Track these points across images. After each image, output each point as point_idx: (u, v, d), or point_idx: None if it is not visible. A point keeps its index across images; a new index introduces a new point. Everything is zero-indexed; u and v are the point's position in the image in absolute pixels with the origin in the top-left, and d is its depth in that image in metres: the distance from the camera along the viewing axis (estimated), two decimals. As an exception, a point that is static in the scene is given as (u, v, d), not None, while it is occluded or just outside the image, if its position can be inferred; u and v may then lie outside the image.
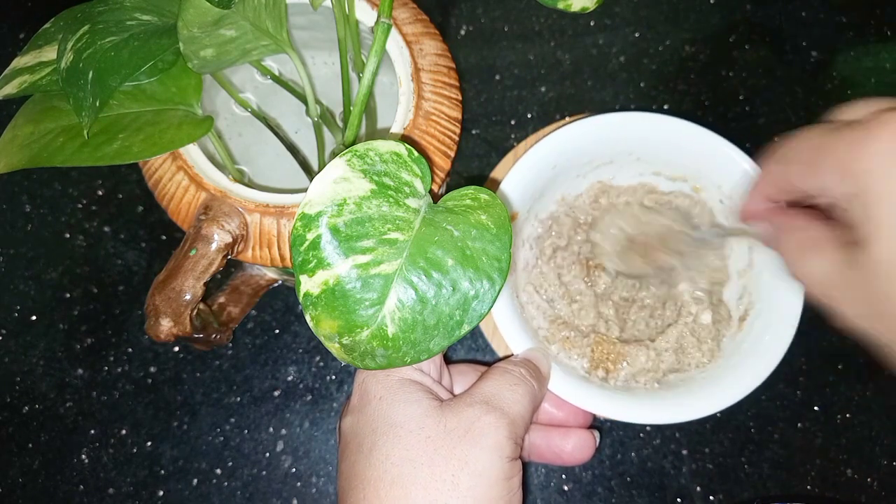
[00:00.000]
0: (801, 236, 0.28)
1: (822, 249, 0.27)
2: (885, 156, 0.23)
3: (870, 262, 0.24)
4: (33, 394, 0.42)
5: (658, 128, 0.37)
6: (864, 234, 0.24)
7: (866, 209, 0.24)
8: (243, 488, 0.41)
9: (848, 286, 0.25)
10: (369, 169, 0.24)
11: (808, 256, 0.27)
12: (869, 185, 0.23)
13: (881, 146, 0.23)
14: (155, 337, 0.29)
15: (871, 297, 0.24)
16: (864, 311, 0.25)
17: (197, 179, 0.30)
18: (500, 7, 0.51)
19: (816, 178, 0.26)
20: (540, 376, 0.31)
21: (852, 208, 0.25)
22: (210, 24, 0.27)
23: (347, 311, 0.23)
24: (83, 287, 0.44)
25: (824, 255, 0.26)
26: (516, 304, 0.36)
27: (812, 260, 0.27)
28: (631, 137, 0.37)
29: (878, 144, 0.23)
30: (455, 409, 0.28)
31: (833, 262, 0.26)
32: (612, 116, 0.36)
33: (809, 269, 0.27)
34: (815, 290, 0.27)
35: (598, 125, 0.36)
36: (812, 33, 0.51)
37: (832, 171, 0.25)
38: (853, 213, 0.25)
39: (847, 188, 0.24)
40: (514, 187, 0.36)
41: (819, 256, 0.27)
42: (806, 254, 0.27)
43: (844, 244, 0.26)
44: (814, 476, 0.41)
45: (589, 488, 0.41)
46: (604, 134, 0.37)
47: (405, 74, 0.32)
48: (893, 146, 0.23)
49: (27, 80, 0.29)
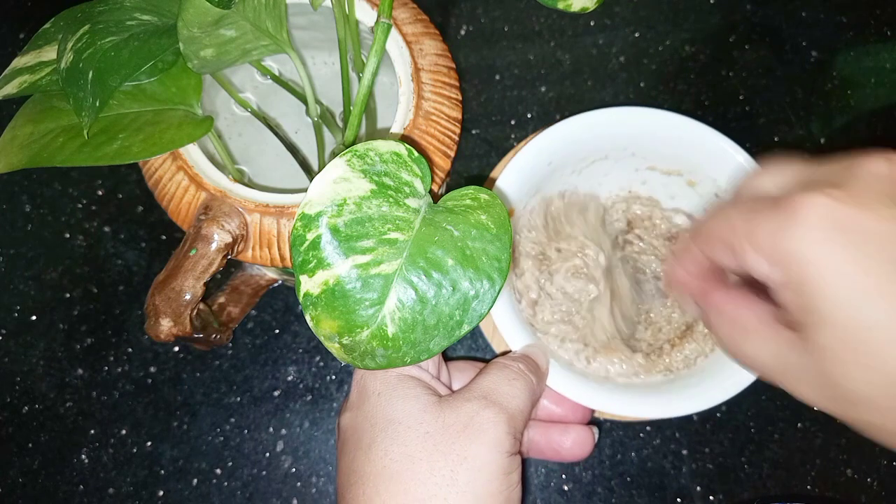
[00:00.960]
0: (736, 316, 0.26)
1: (763, 331, 0.25)
2: (814, 242, 0.22)
3: (816, 346, 0.23)
4: (33, 394, 0.42)
5: (652, 122, 0.37)
6: (805, 322, 0.23)
7: (803, 298, 0.23)
8: (243, 488, 0.41)
9: (797, 371, 0.24)
10: (369, 169, 0.24)
11: (750, 339, 0.26)
12: (802, 274, 0.22)
13: (808, 232, 0.22)
14: (155, 337, 0.29)
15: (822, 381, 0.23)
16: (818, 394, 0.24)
17: (197, 179, 0.30)
18: (500, 7, 0.51)
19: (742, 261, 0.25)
20: (539, 372, 0.31)
21: (786, 295, 0.23)
22: (210, 24, 0.27)
23: (347, 311, 0.23)
24: (83, 287, 0.44)
25: (767, 338, 0.25)
26: (514, 300, 0.36)
27: (754, 343, 0.25)
28: (625, 132, 0.37)
29: (806, 230, 0.22)
30: (453, 404, 0.28)
31: (777, 345, 0.24)
32: (606, 112, 0.36)
33: (753, 353, 0.26)
34: (762, 372, 0.26)
35: (593, 121, 0.36)
36: (812, 33, 0.51)
37: (758, 255, 0.24)
38: (787, 298, 0.23)
39: (779, 275, 0.23)
40: (509, 184, 0.36)
41: (761, 339, 0.25)
42: (747, 335, 0.26)
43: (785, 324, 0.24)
44: (814, 476, 0.41)
45: (589, 488, 0.41)
46: (598, 129, 0.37)
47: (405, 74, 0.32)
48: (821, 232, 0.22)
49: (27, 80, 0.29)
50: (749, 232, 0.24)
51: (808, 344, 0.23)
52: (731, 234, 0.25)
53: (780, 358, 0.25)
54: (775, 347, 0.25)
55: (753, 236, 0.24)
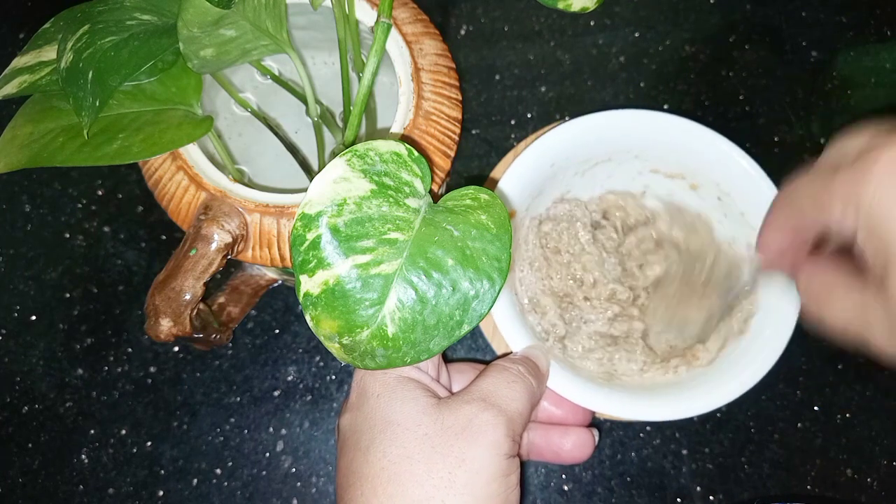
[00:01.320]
0: (821, 278, 0.28)
1: (845, 290, 0.26)
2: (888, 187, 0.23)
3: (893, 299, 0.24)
4: (33, 394, 0.42)
5: (655, 125, 0.37)
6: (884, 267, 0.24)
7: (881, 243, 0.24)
8: (243, 488, 0.41)
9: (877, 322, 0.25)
10: (369, 169, 0.24)
11: (833, 299, 0.27)
12: (880, 220, 0.23)
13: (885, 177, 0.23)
14: (155, 337, 0.29)
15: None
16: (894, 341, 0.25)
17: (197, 179, 0.30)
18: (500, 7, 0.51)
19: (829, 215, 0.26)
20: (539, 374, 0.31)
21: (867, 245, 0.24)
22: (210, 24, 0.27)
23: (347, 311, 0.23)
24: (83, 287, 0.44)
25: (848, 296, 0.26)
26: (515, 301, 0.36)
27: (836, 303, 0.27)
28: (629, 135, 0.37)
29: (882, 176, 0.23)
30: (452, 406, 0.28)
31: (858, 302, 0.26)
32: (609, 114, 0.36)
33: (837, 313, 0.27)
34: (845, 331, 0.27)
35: (596, 123, 0.36)
36: (812, 33, 0.51)
37: (841, 211, 0.25)
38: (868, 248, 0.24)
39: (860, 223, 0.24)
40: (512, 185, 0.36)
41: (843, 299, 0.26)
42: (830, 297, 0.27)
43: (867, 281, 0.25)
44: (814, 476, 0.41)
45: (589, 488, 0.41)
46: (601, 132, 0.37)
47: (405, 74, 0.32)
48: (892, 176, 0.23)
49: (27, 80, 0.29)
50: (833, 187, 0.25)
51: (886, 294, 0.24)
52: (817, 192, 0.26)
53: (860, 313, 0.25)
54: (856, 303, 0.26)
55: (837, 191, 0.25)
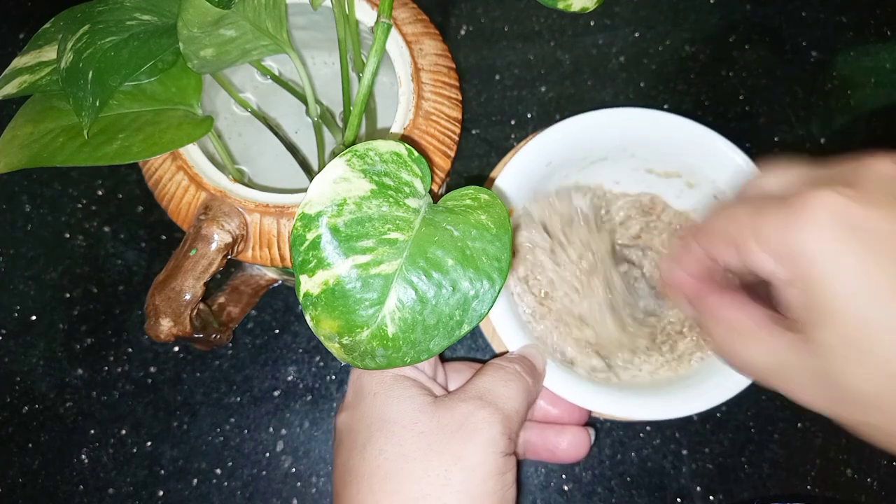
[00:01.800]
0: (733, 319, 0.26)
1: (762, 333, 0.25)
2: (824, 239, 0.22)
3: (819, 345, 0.22)
4: (33, 394, 0.42)
5: (651, 123, 0.37)
6: (809, 317, 0.23)
7: (808, 295, 0.22)
8: (243, 488, 0.41)
9: (797, 373, 0.24)
10: (369, 169, 0.24)
11: (747, 342, 0.25)
12: (809, 270, 0.22)
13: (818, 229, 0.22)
14: (155, 337, 0.29)
15: (824, 382, 0.23)
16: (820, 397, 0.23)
17: (197, 179, 0.30)
18: (500, 7, 0.51)
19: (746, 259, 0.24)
20: (535, 372, 0.31)
21: (790, 292, 0.23)
22: (210, 24, 0.27)
23: (347, 311, 0.23)
24: (83, 287, 0.44)
25: (764, 340, 0.25)
26: (512, 301, 0.36)
27: (751, 346, 0.25)
28: (625, 133, 0.37)
29: (815, 227, 0.22)
30: (449, 404, 0.28)
31: (776, 349, 0.24)
32: (605, 112, 0.36)
33: (750, 356, 0.25)
34: (759, 376, 0.25)
35: (592, 121, 0.36)
36: (812, 33, 0.51)
37: (764, 252, 0.24)
38: (792, 296, 0.23)
39: (784, 272, 0.23)
40: (508, 184, 0.36)
41: (758, 342, 0.25)
42: (743, 339, 0.25)
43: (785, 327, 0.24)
44: (814, 476, 0.41)
45: (589, 488, 0.41)
46: (598, 130, 0.37)
47: (405, 74, 0.32)
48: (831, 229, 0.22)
49: (27, 80, 0.29)
50: (755, 228, 0.24)
51: (809, 343, 0.23)
52: (737, 230, 0.25)
53: (777, 360, 0.24)
54: (773, 350, 0.24)
55: (760, 233, 0.24)
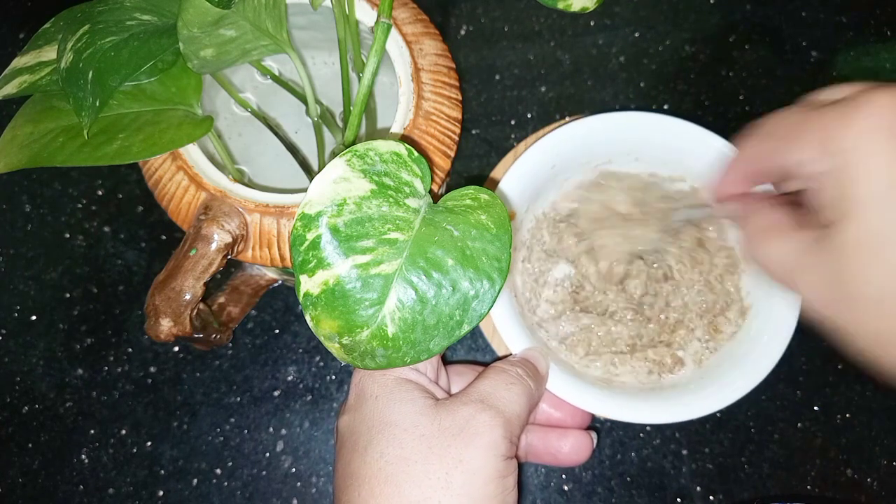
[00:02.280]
0: (765, 219, 0.28)
1: (785, 232, 0.26)
2: (870, 133, 0.22)
3: (839, 241, 0.23)
4: (33, 394, 0.42)
5: (656, 127, 0.37)
6: (837, 214, 0.23)
7: (843, 187, 0.23)
8: (243, 488, 0.41)
9: (812, 268, 0.24)
10: (369, 169, 0.24)
11: (772, 239, 0.27)
12: (850, 163, 0.23)
13: (866, 123, 0.22)
14: (155, 337, 0.29)
15: (836, 279, 0.23)
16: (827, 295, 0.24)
17: (197, 179, 0.30)
18: (500, 7, 0.51)
19: (795, 153, 0.25)
20: (538, 376, 0.31)
21: (826, 186, 0.24)
22: (210, 24, 0.27)
23: (347, 311, 0.23)
24: (83, 287, 0.44)
25: (787, 238, 0.26)
26: (515, 303, 0.36)
27: (775, 242, 0.26)
28: (629, 137, 0.37)
29: (863, 121, 0.23)
30: (450, 407, 0.28)
31: (796, 245, 0.25)
32: (610, 116, 0.36)
33: (772, 253, 0.26)
34: (777, 273, 0.26)
35: (597, 125, 0.36)
36: (812, 33, 0.51)
37: (813, 146, 0.24)
38: (826, 191, 0.24)
39: (825, 165, 0.24)
40: (512, 187, 0.36)
41: (783, 239, 0.26)
42: (768, 236, 0.27)
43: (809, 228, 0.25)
44: (814, 476, 0.41)
45: (589, 488, 0.41)
46: (602, 134, 0.37)
47: (405, 74, 0.32)
48: (879, 123, 0.22)
49: (27, 80, 0.29)
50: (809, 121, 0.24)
51: (829, 239, 0.23)
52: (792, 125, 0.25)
53: (795, 256, 0.25)
54: (793, 245, 0.25)
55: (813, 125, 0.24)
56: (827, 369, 0.43)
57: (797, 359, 0.43)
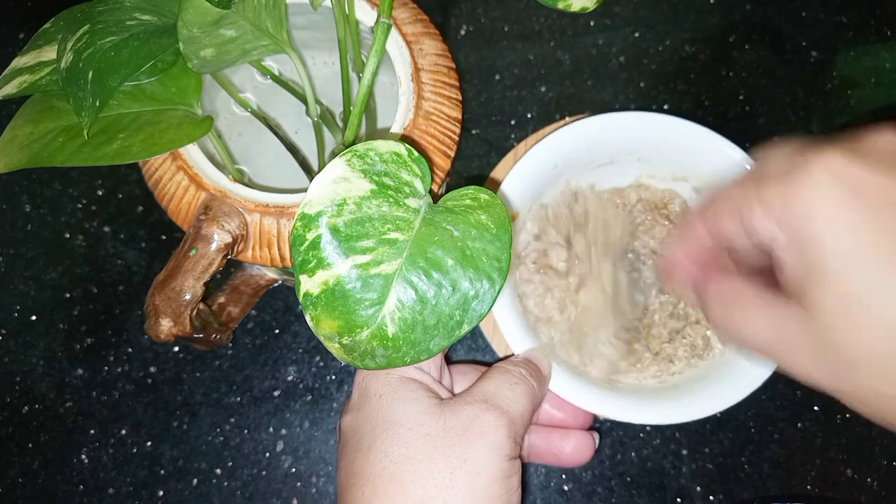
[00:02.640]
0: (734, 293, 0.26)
1: (761, 305, 0.25)
2: (822, 197, 0.22)
3: (817, 311, 0.22)
4: (33, 394, 0.42)
5: (659, 127, 0.37)
6: (805, 282, 0.23)
7: (807, 255, 0.22)
8: (243, 488, 0.41)
9: (794, 341, 0.23)
10: (369, 169, 0.24)
11: (748, 314, 0.25)
12: (809, 230, 0.22)
13: (816, 188, 0.22)
14: (155, 337, 0.29)
15: (822, 348, 0.23)
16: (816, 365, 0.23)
17: (197, 179, 0.30)
18: (500, 7, 0.51)
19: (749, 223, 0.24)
20: (540, 376, 0.31)
21: (790, 255, 0.23)
22: (210, 24, 0.27)
23: (347, 311, 0.23)
24: (83, 287, 0.44)
25: (764, 311, 0.25)
26: (517, 303, 0.36)
27: (752, 317, 0.25)
28: (632, 137, 0.37)
29: (813, 187, 0.22)
30: (454, 407, 0.28)
31: (776, 317, 0.24)
32: (612, 116, 0.36)
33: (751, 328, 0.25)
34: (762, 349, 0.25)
35: (599, 125, 0.36)
36: (812, 33, 0.51)
37: (767, 216, 0.24)
38: (791, 259, 0.23)
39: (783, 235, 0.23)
40: (514, 188, 0.36)
41: (759, 313, 0.25)
42: (745, 311, 0.25)
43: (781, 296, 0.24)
44: (814, 476, 0.41)
45: (589, 488, 0.41)
46: (604, 134, 0.37)
47: (405, 74, 0.32)
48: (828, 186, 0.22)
49: (27, 80, 0.29)
50: (759, 193, 0.24)
51: (807, 308, 0.23)
52: (742, 196, 0.25)
53: (777, 330, 0.24)
54: (772, 320, 0.24)
55: (763, 196, 0.24)
56: (827, 369, 0.43)
57: (797, 359, 0.43)
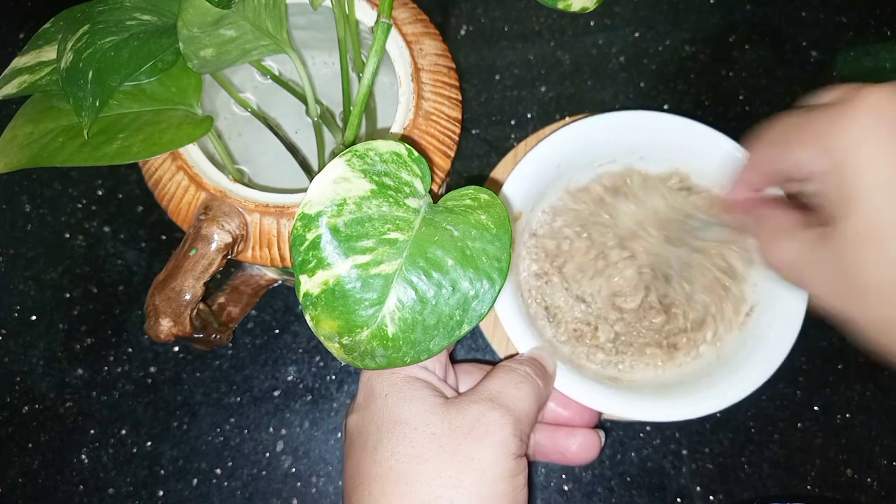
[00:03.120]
0: (774, 222, 0.29)
1: (793, 232, 0.27)
2: (863, 130, 0.23)
3: (841, 236, 0.24)
4: (33, 394, 0.42)
5: (661, 126, 0.37)
6: (838, 209, 0.24)
7: (843, 183, 0.24)
8: (243, 488, 0.41)
9: (818, 264, 0.25)
10: (369, 169, 0.24)
11: (780, 240, 0.28)
12: (847, 159, 0.24)
13: (858, 121, 0.24)
14: (155, 337, 0.29)
15: (841, 271, 0.24)
16: (834, 288, 0.25)
17: (197, 179, 0.30)
18: (500, 7, 0.51)
19: (795, 155, 0.26)
20: (545, 374, 0.31)
21: (827, 184, 0.25)
22: (210, 24, 0.27)
23: (347, 311, 0.23)
24: (83, 287, 0.44)
25: (795, 238, 0.27)
26: (520, 302, 0.36)
27: (783, 243, 0.27)
28: (633, 136, 0.37)
29: (856, 119, 0.24)
30: (460, 406, 0.28)
31: (801, 244, 0.26)
32: (614, 115, 0.36)
33: (781, 253, 0.28)
34: (786, 272, 0.27)
35: (601, 124, 0.36)
36: (812, 33, 0.51)
37: (812, 146, 0.25)
38: (828, 189, 0.25)
39: (824, 164, 0.25)
40: (517, 187, 0.36)
41: (790, 239, 0.27)
42: (778, 238, 0.28)
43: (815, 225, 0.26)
44: (814, 476, 0.41)
45: (589, 488, 0.41)
46: (606, 133, 0.37)
47: (405, 74, 0.32)
48: (870, 120, 0.23)
49: (27, 80, 0.29)
50: (807, 125, 0.26)
51: (834, 234, 0.24)
52: (790, 130, 0.27)
53: (805, 252, 0.26)
54: (802, 244, 0.26)
55: (810, 128, 0.25)
56: (827, 369, 0.43)
57: (797, 359, 0.43)
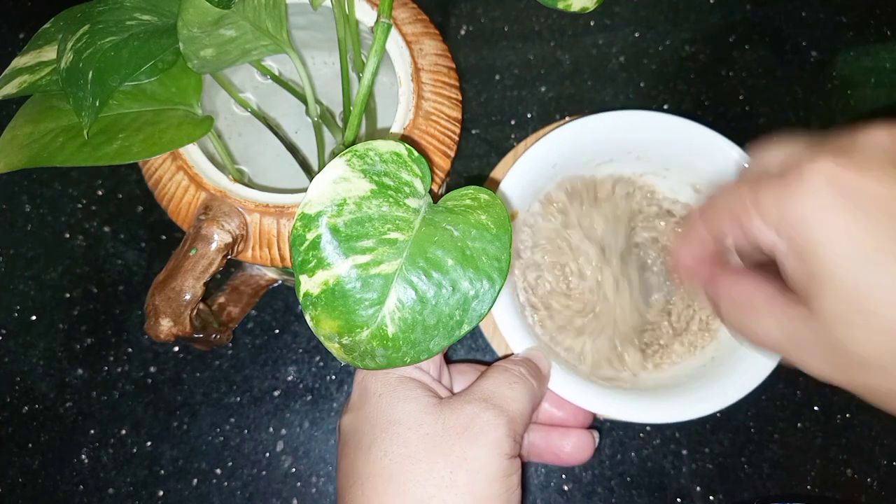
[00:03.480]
0: (744, 296, 0.26)
1: (769, 308, 0.25)
2: (819, 206, 0.22)
3: (822, 315, 0.23)
4: (33, 394, 0.42)
5: (658, 126, 0.37)
6: (809, 287, 0.23)
7: (807, 263, 0.23)
8: (243, 488, 0.41)
9: (807, 343, 0.24)
10: (369, 169, 0.24)
11: (759, 318, 0.26)
12: (806, 239, 0.23)
13: (813, 196, 0.22)
14: (155, 337, 0.29)
15: (831, 348, 0.23)
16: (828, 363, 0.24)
17: (197, 179, 0.30)
18: (500, 7, 0.51)
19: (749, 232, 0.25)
20: (540, 375, 0.31)
21: (791, 263, 0.24)
22: (210, 24, 0.27)
23: (347, 311, 0.23)
24: (83, 287, 0.44)
25: (775, 314, 0.25)
26: (516, 302, 0.36)
27: (762, 321, 0.25)
28: (631, 136, 0.37)
29: (810, 194, 0.22)
30: (454, 406, 0.28)
31: (787, 320, 0.24)
32: (611, 115, 0.36)
33: (763, 331, 0.26)
34: (775, 349, 0.26)
35: (598, 124, 0.36)
36: (812, 33, 0.51)
37: (765, 225, 0.24)
38: (792, 266, 0.24)
39: (783, 243, 0.24)
40: (514, 186, 0.36)
41: (770, 315, 0.25)
42: (756, 316, 0.26)
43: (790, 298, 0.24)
44: (814, 476, 0.41)
45: (589, 488, 0.41)
46: (604, 132, 0.37)
47: (405, 74, 0.32)
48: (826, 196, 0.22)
49: (27, 80, 0.29)
50: (756, 201, 0.24)
51: (814, 313, 0.23)
52: (739, 205, 0.25)
53: (789, 332, 0.25)
54: (785, 322, 0.25)
55: (760, 205, 0.24)
56: (827, 369, 0.43)
57: (797, 359, 0.43)
